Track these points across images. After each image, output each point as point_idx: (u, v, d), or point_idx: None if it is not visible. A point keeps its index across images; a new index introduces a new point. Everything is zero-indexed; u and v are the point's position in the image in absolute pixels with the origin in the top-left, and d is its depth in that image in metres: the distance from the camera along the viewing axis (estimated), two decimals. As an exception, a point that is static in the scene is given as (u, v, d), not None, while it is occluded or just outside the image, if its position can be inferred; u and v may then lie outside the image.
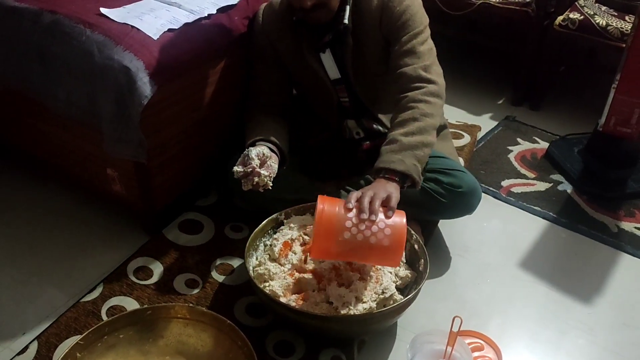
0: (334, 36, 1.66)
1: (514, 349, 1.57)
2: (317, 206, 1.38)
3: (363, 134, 1.85)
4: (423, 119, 1.50)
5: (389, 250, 1.36)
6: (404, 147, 1.47)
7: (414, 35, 1.60)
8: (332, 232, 1.34)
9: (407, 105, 1.53)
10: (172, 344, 1.43)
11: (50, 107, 1.74)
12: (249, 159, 1.52)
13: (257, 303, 1.62)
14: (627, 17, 2.37)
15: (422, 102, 1.52)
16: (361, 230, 1.34)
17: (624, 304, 1.72)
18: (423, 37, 1.61)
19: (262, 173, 1.51)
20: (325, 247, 1.37)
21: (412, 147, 1.47)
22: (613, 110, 2.04)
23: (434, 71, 1.58)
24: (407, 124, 1.50)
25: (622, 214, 2.05)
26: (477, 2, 2.52)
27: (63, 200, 1.99)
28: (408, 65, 1.57)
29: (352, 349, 1.51)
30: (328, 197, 1.42)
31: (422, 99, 1.52)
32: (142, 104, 1.56)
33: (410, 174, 1.45)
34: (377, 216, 1.35)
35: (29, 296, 1.65)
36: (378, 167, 1.47)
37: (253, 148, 1.56)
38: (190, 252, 1.79)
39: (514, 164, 2.29)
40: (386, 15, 1.62)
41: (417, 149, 1.48)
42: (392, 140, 1.50)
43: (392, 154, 1.47)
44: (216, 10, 1.76)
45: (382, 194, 1.38)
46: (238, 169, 1.52)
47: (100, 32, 1.60)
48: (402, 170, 1.44)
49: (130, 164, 1.70)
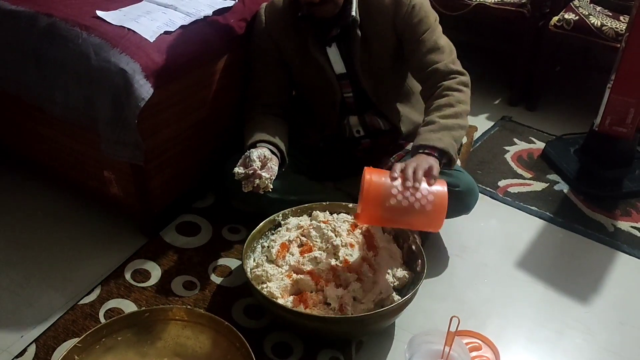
0: (341, 30, 1.66)
1: (511, 348, 1.57)
2: (364, 176, 1.45)
3: (363, 132, 1.85)
4: (458, 105, 1.59)
5: (432, 214, 1.43)
6: (442, 127, 1.54)
7: (432, 31, 1.66)
8: (380, 199, 1.42)
9: (442, 93, 1.61)
10: (170, 346, 1.43)
11: (47, 110, 1.74)
12: (250, 160, 1.53)
13: (255, 304, 1.62)
14: (621, 17, 2.37)
15: (457, 91, 1.61)
16: (406, 197, 1.41)
17: (621, 303, 1.72)
18: (439, 31, 1.68)
19: (263, 175, 1.52)
20: (373, 213, 1.45)
21: (449, 127, 1.54)
22: (608, 110, 2.05)
23: (458, 63, 1.67)
24: (443, 109, 1.58)
25: (619, 213, 2.06)
26: (472, 2, 2.52)
27: (60, 203, 1.99)
28: (437, 62, 1.64)
29: (350, 349, 1.51)
30: (374, 168, 1.47)
31: (457, 88, 1.61)
32: (139, 106, 1.56)
33: (448, 150, 1.51)
34: (420, 183, 1.41)
35: (27, 299, 1.65)
36: (418, 144, 1.53)
37: (254, 150, 1.56)
38: (187, 254, 1.79)
39: (510, 164, 2.30)
40: (400, 11, 1.64)
41: (454, 130, 1.55)
42: (430, 122, 1.56)
43: (431, 133, 1.53)
44: (212, 13, 1.77)
45: (425, 165, 1.44)
46: (239, 171, 1.53)
47: (97, 35, 1.60)
48: (441, 147, 1.51)
49: (127, 166, 1.70)
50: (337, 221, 1.66)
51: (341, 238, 1.60)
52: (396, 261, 1.61)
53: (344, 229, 1.63)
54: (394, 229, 1.68)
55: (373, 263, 1.57)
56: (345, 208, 1.72)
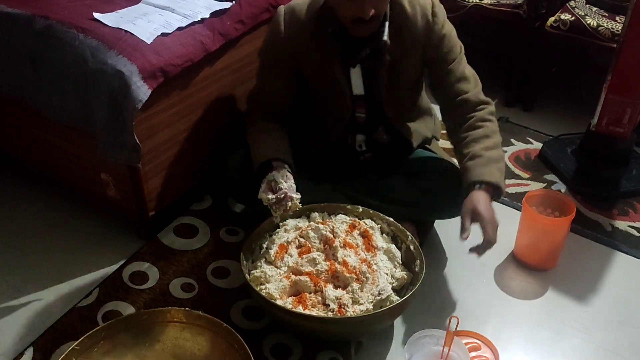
0: (371, 52, 1.60)
1: (510, 348, 1.57)
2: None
3: (366, 147, 1.81)
4: (494, 135, 1.61)
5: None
6: (489, 160, 1.56)
7: (460, 60, 1.67)
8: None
9: (476, 124, 1.62)
10: (168, 348, 1.43)
11: (43, 113, 1.74)
12: (276, 184, 1.54)
13: (253, 306, 1.62)
14: (617, 17, 2.38)
15: (489, 121, 1.63)
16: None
17: (619, 303, 1.72)
18: (465, 61, 1.69)
19: (294, 197, 1.54)
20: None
21: (494, 160, 1.57)
22: (605, 110, 2.05)
23: (482, 92, 1.69)
24: (483, 140, 1.59)
25: (616, 213, 2.06)
26: (469, 4, 2.53)
27: (58, 206, 1.98)
28: (466, 92, 1.65)
29: (349, 350, 1.51)
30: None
31: (489, 118, 1.63)
32: (136, 108, 1.56)
33: (499, 185, 1.54)
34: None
35: (25, 302, 1.65)
36: (473, 181, 1.54)
37: (277, 173, 1.56)
38: (185, 256, 1.79)
39: (508, 164, 2.30)
40: (432, 40, 1.63)
41: (499, 162, 1.58)
42: (475, 155, 1.57)
43: (481, 167, 1.55)
44: (209, 15, 1.77)
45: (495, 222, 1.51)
46: (269, 197, 1.53)
47: (94, 37, 1.60)
48: (494, 181, 1.53)
49: (124, 169, 1.70)
50: (335, 222, 1.66)
51: (340, 239, 1.60)
52: (395, 262, 1.60)
53: (343, 229, 1.63)
54: (392, 230, 1.68)
55: (372, 264, 1.56)
56: (343, 209, 1.72)
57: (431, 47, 1.64)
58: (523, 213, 1.79)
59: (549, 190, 2.10)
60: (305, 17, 1.62)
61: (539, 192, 1.86)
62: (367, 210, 1.71)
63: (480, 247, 1.51)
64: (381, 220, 1.69)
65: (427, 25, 1.61)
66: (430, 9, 1.62)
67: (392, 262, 1.60)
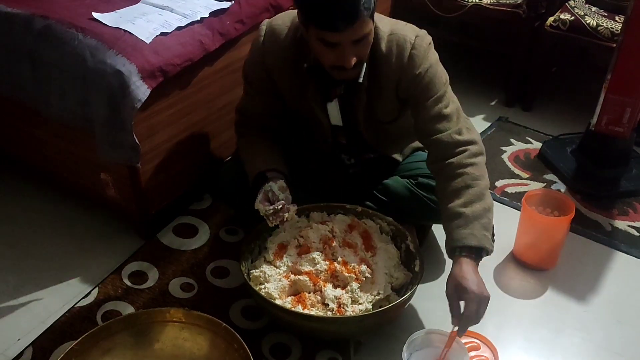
0: (346, 89, 1.55)
1: (510, 348, 1.57)
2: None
3: (354, 161, 1.79)
4: (476, 184, 1.45)
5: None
6: (469, 219, 1.42)
7: (438, 99, 1.51)
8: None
9: (454, 173, 1.47)
10: (167, 348, 1.43)
11: (42, 112, 1.73)
12: (273, 194, 1.51)
13: (252, 306, 1.62)
14: (617, 17, 2.38)
15: (469, 166, 1.47)
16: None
17: (618, 302, 1.72)
18: (447, 99, 1.53)
19: (291, 208, 1.52)
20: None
21: (476, 217, 1.42)
22: (605, 109, 2.05)
23: (467, 130, 1.52)
24: (462, 194, 1.45)
25: (616, 212, 2.06)
26: (468, 4, 2.53)
27: (57, 206, 1.98)
28: (441, 132, 1.50)
29: (348, 350, 1.51)
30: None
31: (468, 163, 1.47)
32: (136, 107, 1.56)
33: (484, 246, 1.41)
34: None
35: (24, 302, 1.65)
36: (453, 247, 1.43)
37: (273, 183, 1.52)
38: (185, 256, 1.79)
39: (507, 164, 2.30)
40: (405, 79, 1.52)
41: (482, 218, 1.43)
42: (454, 215, 1.43)
43: (460, 230, 1.42)
44: (208, 14, 1.77)
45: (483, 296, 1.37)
46: (266, 208, 1.49)
47: (93, 37, 1.60)
48: (476, 245, 1.40)
49: (124, 169, 1.70)
50: (334, 222, 1.66)
51: (339, 239, 1.60)
52: (394, 261, 1.60)
53: (342, 229, 1.63)
54: (391, 229, 1.68)
55: (371, 263, 1.56)
56: (342, 209, 1.72)
57: (403, 86, 1.54)
58: (522, 213, 1.79)
59: (548, 190, 2.10)
60: (284, 41, 1.55)
61: (538, 192, 1.86)
62: (367, 210, 1.71)
63: (461, 323, 1.37)
64: (380, 220, 1.69)
65: (401, 65, 1.50)
66: (409, 50, 1.49)
67: (391, 261, 1.60)
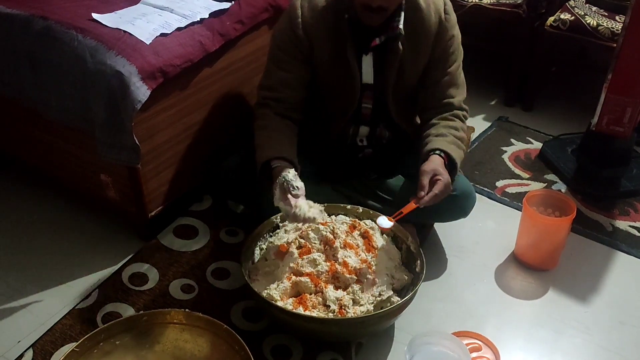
0: (384, 41, 1.62)
1: (511, 349, 1.57)
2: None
3: (367, 142, 1.81)
4: (462, 132, 1.69)
5: None
6: (453, 141, 1.63)
7: (458, 66, 1.71)
8: None
9: (450, 116, 1.69)
10: (168, 349, 1.42)
11: (42, 113, 1.73)
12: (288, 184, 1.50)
13: (253, 307, 1.62)
14: (617, 17, 2.38)
15: (463, 122, 1.71)
16: None
17: (619, 302, 1.72)
18: (461, 67, 1.73)
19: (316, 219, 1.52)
20: None
21: (457, 144, 1.64)
22: (605, 109, 2.05)
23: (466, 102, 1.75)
24: (452, 130, 1.65)
25: (617, 212, 2.06)
26: (468, 3, 2.53)
27: (57, 207, 1.98)
28: (454, 97, 1.70)
29: (349, 351, 1.50)
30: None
31: (463, 120, 1.72)
32: (136, 108, 1.56)
33: (457, 162, 1.60)
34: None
35: (24, 304, 1.64)
36: (435, 147, 1.59)
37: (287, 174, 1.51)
38: (185, 257, 1.78)
39: (508, 164, 2.30)
40: (442, 37, 1.66)
41: (460, 149, 1.65)
42: (441, 134, 1.63)
43: (447, 143, 1.61)
44: (208, 15, 1.76)
45: (450, 188, 1.55)
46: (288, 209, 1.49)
47: (93, 38, 1.59)
48: (454, 157, 1.59)
49: (124, 170, 1.69)
50: (335, 223, 1.66)
51: (340, 240, 1.59)
52: (395, 262, 1.60)
53: (343, 230, 1.63)
54: (393, 230, 1.67)
55: (372, 264, 1.56)
56: (343, 209, 1.72)
57: (440, 45, 1.66)
58: (523, 213, 1.79)
59: (549, 190, 2.10)
60: (322, 6, 1.64)
61: (539, 192, 1.85)
62: (367, 211, 1.70)
63: (428, 196, 1.50)
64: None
65: (440, 22, 1.64)
66: (443, 7, 1.65)
67: (392, 262, 1.60)
